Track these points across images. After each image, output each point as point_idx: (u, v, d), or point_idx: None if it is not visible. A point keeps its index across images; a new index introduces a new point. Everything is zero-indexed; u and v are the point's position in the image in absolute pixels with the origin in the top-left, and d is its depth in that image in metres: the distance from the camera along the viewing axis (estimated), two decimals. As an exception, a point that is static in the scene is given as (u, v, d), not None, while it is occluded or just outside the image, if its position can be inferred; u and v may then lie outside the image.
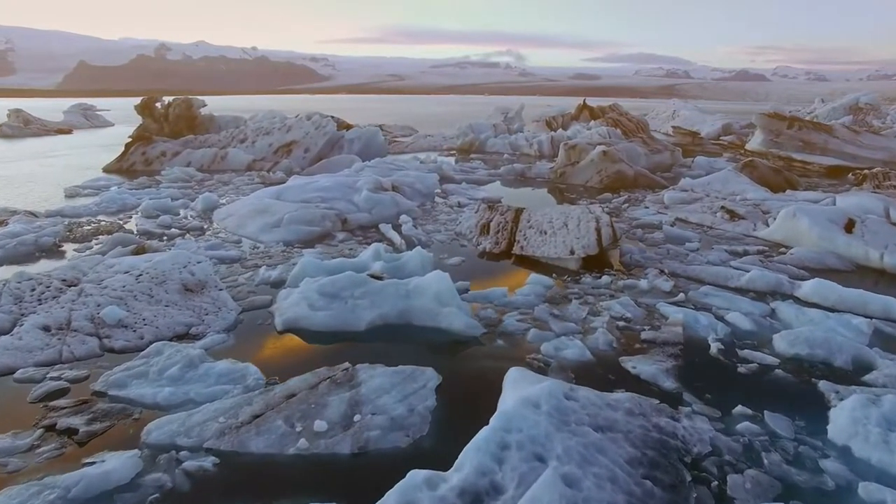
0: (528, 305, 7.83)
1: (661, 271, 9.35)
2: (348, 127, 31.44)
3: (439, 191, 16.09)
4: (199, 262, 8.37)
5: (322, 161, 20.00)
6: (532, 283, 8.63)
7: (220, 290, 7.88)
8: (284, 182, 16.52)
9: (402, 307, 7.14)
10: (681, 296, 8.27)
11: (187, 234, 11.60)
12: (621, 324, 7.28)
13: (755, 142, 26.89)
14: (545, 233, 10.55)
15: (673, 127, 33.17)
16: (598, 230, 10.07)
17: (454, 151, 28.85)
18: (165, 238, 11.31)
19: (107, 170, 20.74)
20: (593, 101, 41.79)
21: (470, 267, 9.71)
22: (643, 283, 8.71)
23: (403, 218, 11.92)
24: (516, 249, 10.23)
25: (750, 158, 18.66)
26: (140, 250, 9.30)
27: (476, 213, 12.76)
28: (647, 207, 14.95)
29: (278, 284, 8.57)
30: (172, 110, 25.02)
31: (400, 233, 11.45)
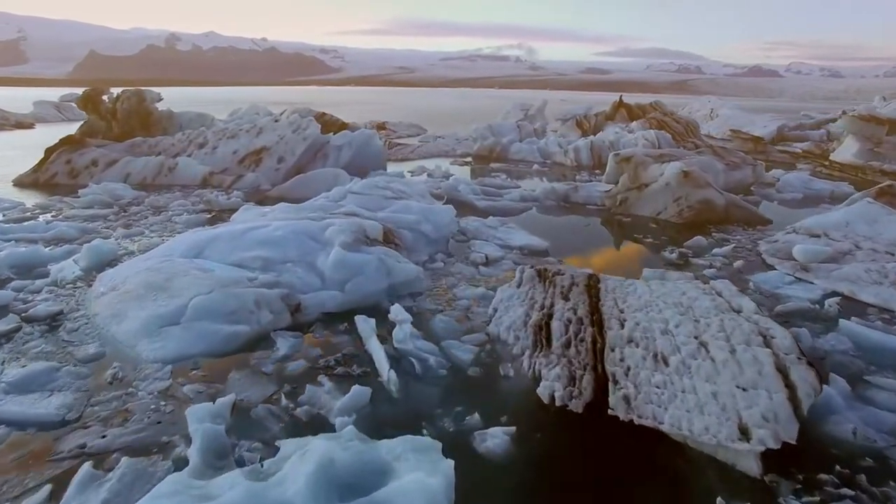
0: None
1: (951, 488, 4.27)
2: (343, 126, 26.53)
3: (456, 231, 11.04)
4: None
5: (297, 177, 14.98)
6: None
7: None
8: (239, 208, 11.64)
9: None
10: None
11: (24, 330, 6.65)
12: None
13: (848, 151, 21.61)
14: (664, 361, 5.49)
15: (731, 130, 27.88)
16: (783, 370, 5.00)
17: (470, 158, 23.78)
18: (-26, 341, 6.36)
19: (18, 183, 15.88)
20: (614, 98, 36.36)
21: (533, 458, 4.66)
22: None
23: (397, 311, 6.80)
24: (617, 408, 5.11)
25: (888, 183, 13.44)
26: None
27: (519, 287, 7.73)
28: (772, 267, 9.83)
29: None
30: (121, 105, 20.06)
31: (390, 338, 6.43)
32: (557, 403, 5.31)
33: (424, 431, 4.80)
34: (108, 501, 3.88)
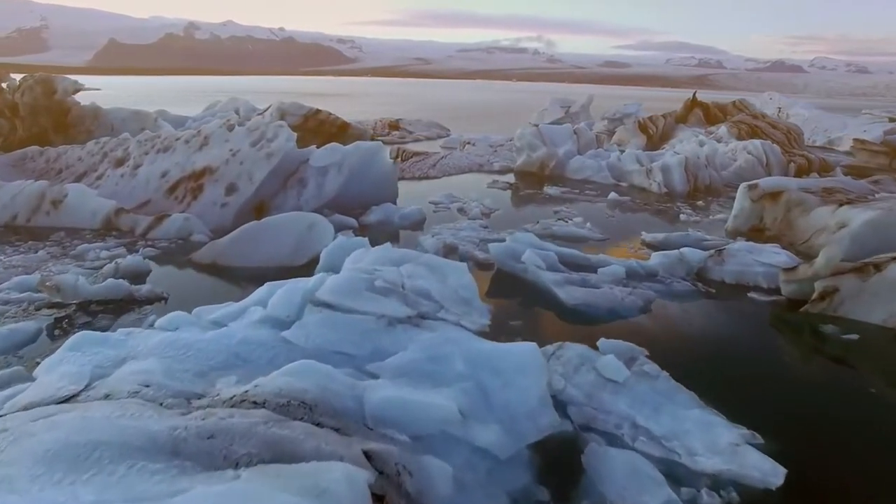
0: None
1: None
2: (344, 127, 20.42)
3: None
4: None
5: (245, 228, 8.83)
6: None
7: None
8: (117, 296, 5.69)
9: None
10: None
11: None
12: None
13: None
14: None
15: (856, 140, 21.20)
16: None
17: (513, 176, 17.55)
18: None
19: None
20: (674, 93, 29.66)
21: None
22: None
23: None
24: None
25: None
26: None
27: None
28: None
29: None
30: (21, 97, 14.09)
31: None
32: None
33: None
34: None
